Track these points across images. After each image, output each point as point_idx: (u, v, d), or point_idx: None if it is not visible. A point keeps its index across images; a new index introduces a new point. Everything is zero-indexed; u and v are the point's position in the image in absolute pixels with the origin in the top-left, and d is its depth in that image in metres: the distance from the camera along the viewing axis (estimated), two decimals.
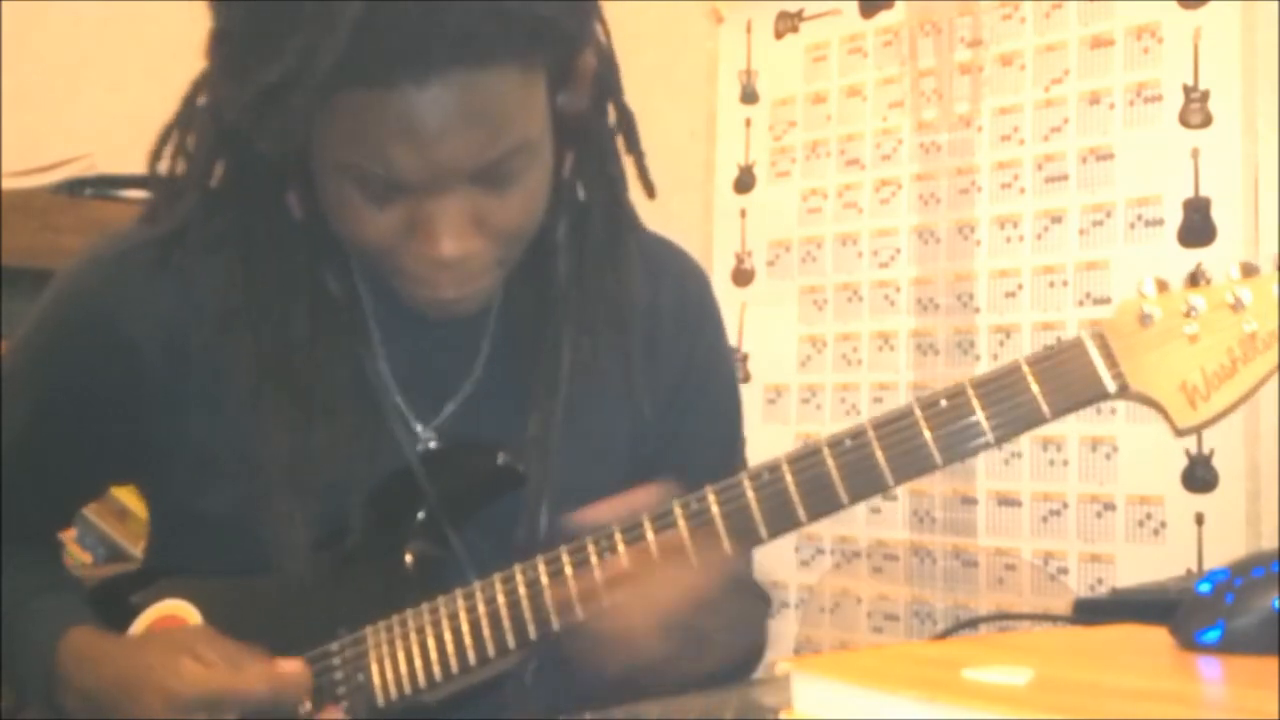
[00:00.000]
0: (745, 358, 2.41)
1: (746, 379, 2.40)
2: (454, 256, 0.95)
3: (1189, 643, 0.73)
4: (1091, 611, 1.12)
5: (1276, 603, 0.72)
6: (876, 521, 2.21)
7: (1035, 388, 0.91)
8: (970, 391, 0.92)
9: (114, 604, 1.14)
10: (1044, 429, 0.93)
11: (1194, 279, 0.90)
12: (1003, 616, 1.93)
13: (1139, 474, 1.95)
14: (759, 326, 2.41)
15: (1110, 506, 1.97)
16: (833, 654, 1.85)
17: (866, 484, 0.94)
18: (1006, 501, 2.08)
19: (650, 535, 0.97)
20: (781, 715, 0.68)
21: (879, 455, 0.93)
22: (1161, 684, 0.69)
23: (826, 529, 2.27)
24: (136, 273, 1.10)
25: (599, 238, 1.10)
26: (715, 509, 0.96)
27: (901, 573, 2.19)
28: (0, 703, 1.19)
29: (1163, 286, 0.91)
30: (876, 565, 2.23)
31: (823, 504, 0.94)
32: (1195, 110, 1.94)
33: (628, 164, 1.13)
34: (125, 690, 1.04)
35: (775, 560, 2.32)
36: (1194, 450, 1.90)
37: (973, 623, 1.70)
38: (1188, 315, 0.89)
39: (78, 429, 1.14)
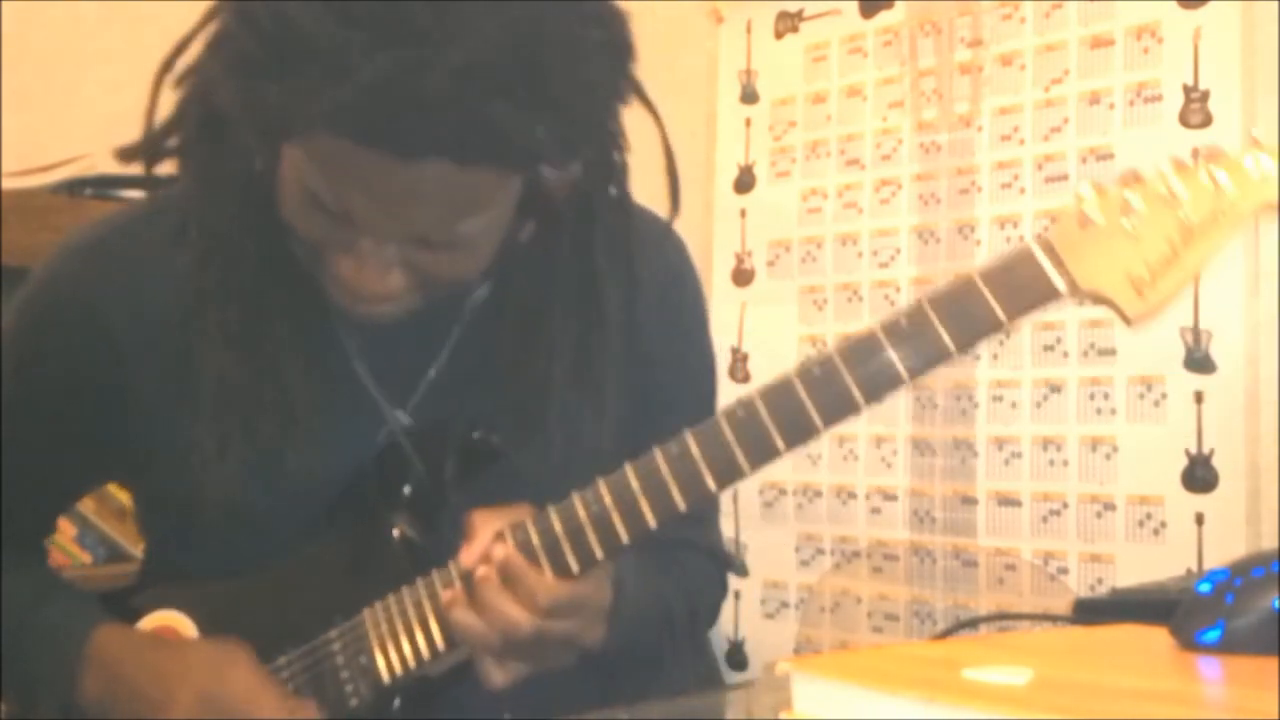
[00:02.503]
0: (745, 358, 2.41)
1: (746, 379, 2.40)
2: (372, 292, 0.97)
3: (1189, 643, 0.73)
4: (1091, 611, 1.12)
5: (1276, 603, 0.72)
6: (876, 521, 2.21)
7: (989, 296, 0.94)
8: (927, 307, 0.95)
9: (111, 615, 1.14)
10: (1044, 429, 0.94)
11: (1127, 179, 0.94)
12: (1003, 616, 1.93)
13: (1139, 474, 1.95)
14: (759, 326, 2.40)
15: (1110, 506, 1.97)
16: (833, 654, 1.85)
17: (839, 407, 0.96)
18: (1006, 501, 2.08)
19: (634, 480, 0.98)
20: (781, 715, 0.68)
21: (847, 377, 0.95)
22: (1161, 684, 0.69)
23: (826, 529, 2.27)
24: (110, 261, 1.11)
25: (560, 311, 1.08)
26: (695, 450, 0.98)
27: (901, 573, 2.19)
28: (1, 709, 1.19)
29: (1101, 190, 0.94)
30: (876, 565, 2.22)
31: (799, 432, 0.96)
32: (1195, 110, 1.94)
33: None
34: (159, 684, 1.05)
35: (775, 560, 2.32)
36: (1194, 450, 1.90)
37: (973, 623, 1.70)
38: (1126, 212, 0.93)
39: (62, 422, 1.13)
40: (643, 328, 1.18)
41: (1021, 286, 0.93)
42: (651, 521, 0.98)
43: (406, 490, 1.08)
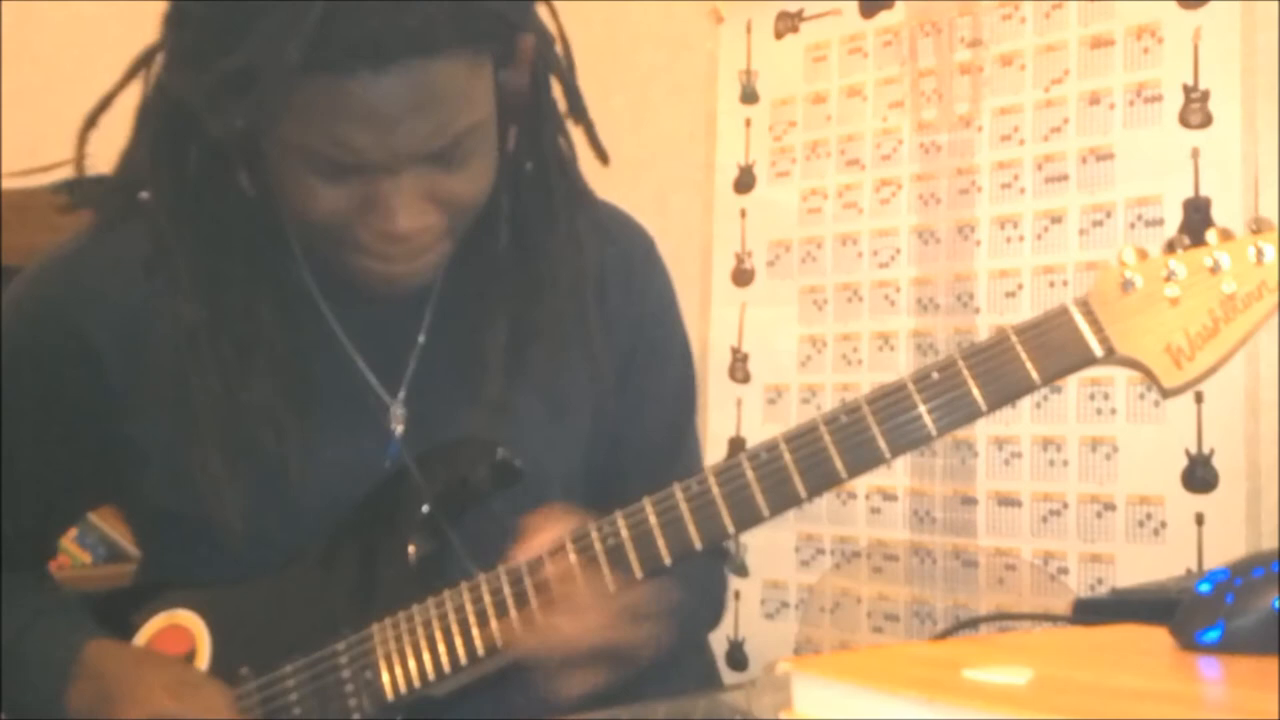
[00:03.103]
0: (745, 358, 2.41)
1: (746, 379, 2.40)
2: (408, 231, 0.98)
3: (1189, 643, 0.73)
4: (1091, 611, 1.12)
5: (1276, 603, 0.72)
6: (876, 521, 2.21)
7: (1024, 356, 0.93)
8: (960, 363, 0.94)
9: (115, 618, 1.14)
10: (1044, 429, 0.95)
11: (1171, 245, 0.93)
12: (1003, 616, 1.93)
13: (1139, 474, 1.94)
14: (759, 326, 2.40)
15: (1110, 506, 1.97)
16: (833, 654, 1.85)
17: (864, 458, 0.95)
18: (1006, 501, 2.07)
19: (651, 515, 0.99)
20: (781, 715, 0.68)
21: (875, 429, 0.95)
22: (1161, 684, 0.69)
23: (826, 529, 2.27)
24: (89, 274, 1.11)
25: (544, 208, 1.12)
26: (716, 490, 0.98)
27: (901, 573, 2.19)
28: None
29: (1142, 254, 0.93)
30: (876, 565, 2.22)
31: (821, 480, 0.96)
32: (1195, 110, 1.94)
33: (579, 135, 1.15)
34: (121, 697, 1.05)
35: (775, 560, 2.32)
36: (1194, 450, 1.90)
37: (973, 623, 1.70)
38: (1168, 280, 0.92)
39: (50, 442, 1.13)
40: (610, 319, 1.19)
41: (1057, 348, 0.93)
42: (666, 559, 0.99)
43: (425, 509, 1.08)
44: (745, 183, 2.45)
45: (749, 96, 2.46)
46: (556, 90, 1.11)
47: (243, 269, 1.06)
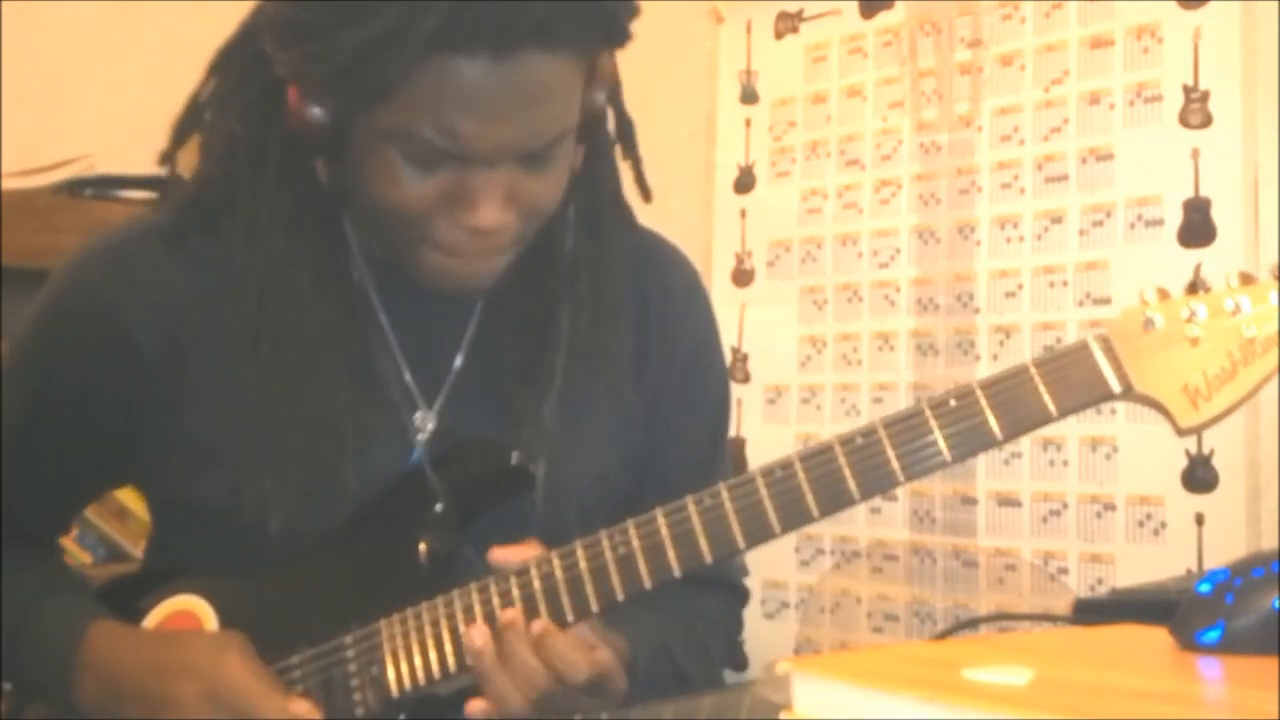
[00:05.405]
0: (745, 358, 2.41)
1: (746, 379, 2.40)
2: (490, 226, 0.99)
3: (1189, 643, 0.73)
4: (1091, 611, 1.12)
5: (1276, 603, 0.72)
6: (876, 521, 2.21)
7: (1042, 389, 0.93)
8: (979, 392, 0.95)
9: (122, 603, 1.14)
10: (1043, 429, 0.95)
11: (1193, 286, 0.93)
12: (1003, 616, 1.93)
13: (1139, 474, 1.95)
14: (759, 326, 2.40)
15: (1110, 506, 1.97)
16: (833, 654, 1.85)
17: (877, 481, 0.96)
18: (1006, 501, 2.08)
19: (664, 526, 0.99)
20: (781, 715, 0.68)
21: (890, 452, 0.95)
22: (1161, 684, 0.69)
23: (826, 529, 2.27)
24: (134, 262, 1.11)
25: (594, 230, 1.14)
26: (728, 504, 0.98)
27: (901, 573, 2.19)
28: (0, 704, 1.19)
29: (1164, 294, 0.94)
30: (876, 565, 2.23)
31: (834, 500, 0.96)
32: (1195, 110, 1.94)
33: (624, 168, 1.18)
34: (159, 677, 1.04)
35: (775, 560, 2.32)
36: (1194, 450, 1.90)
37: (973, 623, 1.70)
38: (1189, 320, 0.92)
39: (76, 422, 1.14)
40: (648, 347, 1.21)
41: (1076, 382, 0.93)
42: (676, 570, 0.99)
43: (438, 508, 1.08)
44: (745, 183, 2.46)
45: (749, 96, 2.46)
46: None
47: (306, 265, 1.07)
